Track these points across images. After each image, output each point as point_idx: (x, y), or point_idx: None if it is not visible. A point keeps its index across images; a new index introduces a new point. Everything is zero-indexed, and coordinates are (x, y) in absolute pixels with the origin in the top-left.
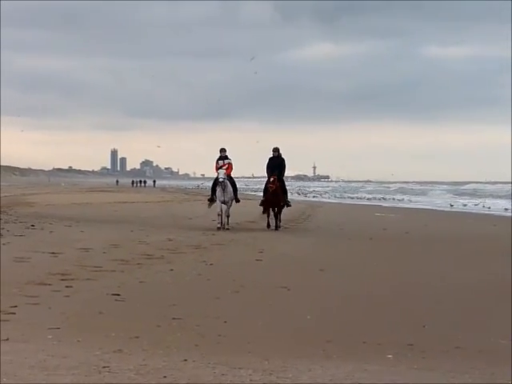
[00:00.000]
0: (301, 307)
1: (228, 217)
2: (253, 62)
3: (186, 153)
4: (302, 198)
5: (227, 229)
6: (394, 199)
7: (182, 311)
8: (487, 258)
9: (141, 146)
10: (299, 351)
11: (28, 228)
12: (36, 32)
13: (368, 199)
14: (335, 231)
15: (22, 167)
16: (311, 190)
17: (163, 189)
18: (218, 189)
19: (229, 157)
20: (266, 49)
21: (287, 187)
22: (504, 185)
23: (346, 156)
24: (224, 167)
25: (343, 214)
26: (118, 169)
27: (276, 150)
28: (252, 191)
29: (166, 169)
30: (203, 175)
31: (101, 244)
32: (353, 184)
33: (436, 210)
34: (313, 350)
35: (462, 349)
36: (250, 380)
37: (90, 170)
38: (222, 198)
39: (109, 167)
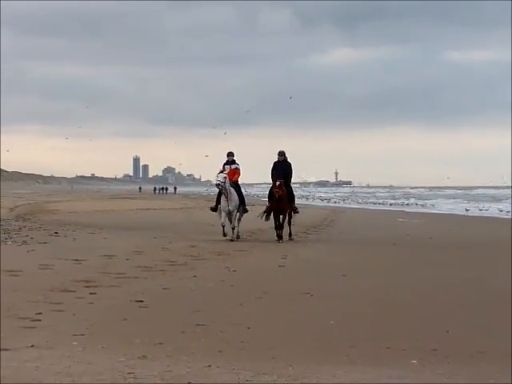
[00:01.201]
0: (324, 313)
1: (233, 229)
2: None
3: (208, 159)
4: (324, 203)
5: (232, 239)
6: (416, 204)
7: (205, 317)
8: (510, 262)
9: (163, 153)
10: (323, 357)
11: (52, 235)
12: (57, 40)
13: (391, 204)
14: (358, 236)
15: (44, 175)
16: (333, 195)
17: (185, 195)
18: (222, 197)
19: (237, 161)
20: (285, 55)
21: (307, 193)
22: None
23: (367, 161)
24: (224, 172)
25: (366, 220)
26: (141, 176)
27: (282, 153)
28: None
29: (188, 175)
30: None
31: (124, 251)
32: (375, 189)
33: (459, 214)
34: (337, 356)
35: (486, 353)
36: None
37: (113, 177)
38: (226, 208)
39: (131, 174)
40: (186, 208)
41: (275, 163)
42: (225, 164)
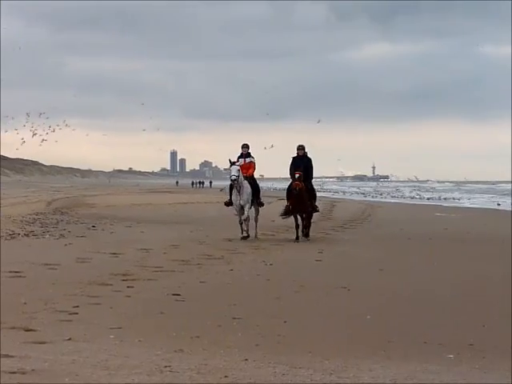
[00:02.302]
0: (361, 307)
1: (243, 222)
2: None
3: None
4: (361, 197)
5: (247, 235)
6: (453, 199)
7: (242, 311)
8: None
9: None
10: (360, 351)
11: (89, 229)
12: (94, 34)
13: (428, 199)
14: (395, 231)
15: (82, 169)
16: (371, 189)
17: (222, 189)
18: (234, 190)
19: (252, 154)
20: (321, 49)
21: (347, 189)
22: None
23: (404, 155)
24: (238, 163)
25: (403, 214)
26: (178, 170)
27: (301, 147)
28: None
29: (225, 169)
30: (262, 176)
31: (161, 244)
32: (412, 183)
33: (491, 209)
34: (373, 350)
35: None
36: (311, 380)
37: (150, 171)
38: (238, 202)
39: (168, 168)
40: (223, 202)
41: (294, 158)
42: (239, 157)
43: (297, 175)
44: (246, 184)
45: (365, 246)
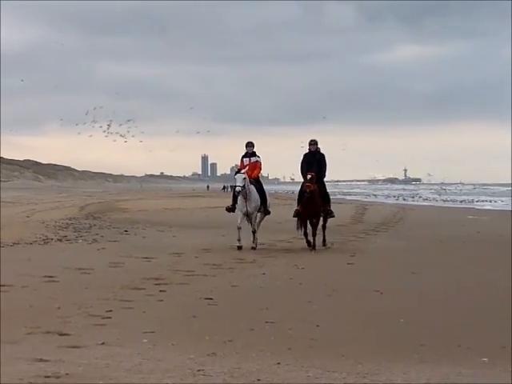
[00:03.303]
0: (394, 310)
1: (254, 233)
2: None
3: (275, 157)
4: (393, 200)
5: (253, 248)
6: (485, 201)
7: (274, 315)
8: None
9: (230, 151)
10: (393, 354)
11: (122, 233)
12: (123, 39)
13: (460, 202)
14: (427, 234)
15: (114, 173)
16: (402, 192)
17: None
18: (240, 196)
19: (257, 154)
20: (350, 51)
21: (378, 192)
22: None
23: (435, 158)
24: (243, 170)
25: (435, 217)
26: (209, 174)
27: (314, 142)
28: (341, 194)
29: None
30: (293, 179)
31: (193, 248)
32: (444, 186)
33: None
34: (407, 354)
35: None
36: (344, 383)
37: (181, 175)
38: (244, 209)
39: (200, 172)
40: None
41: (305, 155)
42: (243, 156)
43: (309, 176)
44: (253, 189)
45: (397, 248)
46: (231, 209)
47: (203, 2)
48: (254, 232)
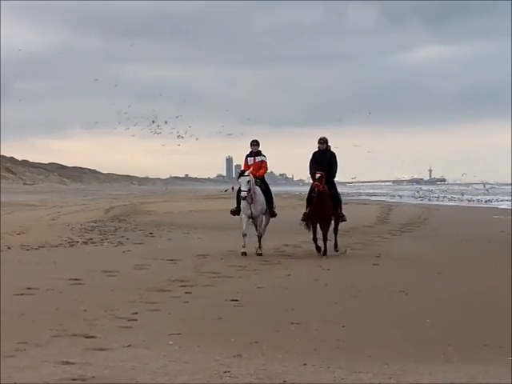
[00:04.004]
0: (419, 311)
1: (260, 237)
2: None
3: (300, 158)
4: (417, 201)
5: (259, 254)
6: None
7: (300, 316)
8: None
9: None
10: (419, 355)
11: (147, 236)
12: (147, 42)
13: (486, 201)
14: (453, 234)
15: (139, 176)
16: (428, 193)
17: (277, 195)
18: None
19: (263, 153)
20: (374, 52)
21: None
22: None
23: (460, 158)
24: (247, 172)
25: (460, 217)
26: (233, 176)
27: (323, 140)
28: (366, 195)
29: (280, 175)
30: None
31: (218, 250)
32: (469, 186)
33: None
34: (433, 354)
35: None
36: None
37: (206, 177)
38: (249, 212)
39: (224, 174)
40: (278, 207)
41: (315, 154)
42: (247, 156)
43: (317, 175)
44: (258, 191)
45: (422, 249)
46: (235, 212)
47: (226, 3)
48: (259, 237)
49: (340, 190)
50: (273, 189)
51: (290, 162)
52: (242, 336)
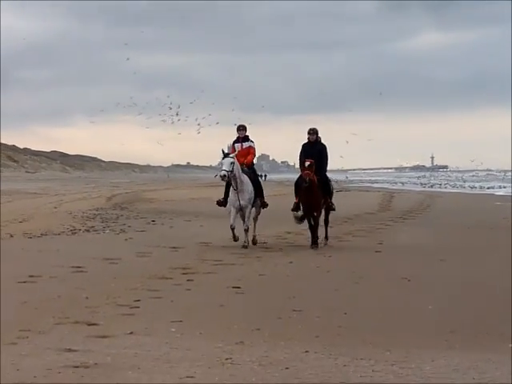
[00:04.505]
0: (422, 298)
1: (246, 231)
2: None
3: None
4: (420, 188)
5: (244, 246)
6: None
7: (302, 303)
8: None
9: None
10: (421, 342)
11: (149, 223)
12: (151, 30)
13: (488, 188)
14: (455, 221)
15: (141, 164)
16: (430, 180)
17: (280, 182)
18: (231, 188)
19: (250, 138)
20: (374, 40)
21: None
22: None
23: (462, 145)
24: (232, 154)
25: (463, 204)
26: None
27: (313, 131)
28: (368, 182)
29: (282, 162)
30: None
31: (220, 238)
32: (471, 173)
33: None
34: (435, 341)
35: None
36: (373, 370)
37: (208, 165)
38: (237, 203)
39: None
40: (280, 195)
41: (304, 145)
42: (234, 142)
43: (307, 163)
44: (246, 179)
45: (425, 236)
46: (222, 203)
47: None
48: (246, 230)
49: (340, 177)
50: (275, 176)
51: (292, 150)
52: (244, 323)
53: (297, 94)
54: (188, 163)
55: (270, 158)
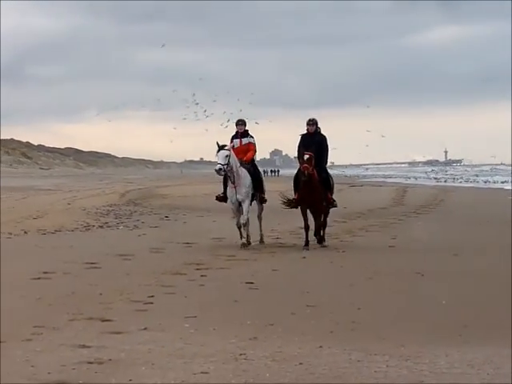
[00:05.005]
0: (436, 292)
1: (240, 228)
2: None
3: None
4: (433, 182)
5: (244, 244)
6: None
7: (315, 298)
8: None
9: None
10: (435, 337)
11: (162, 219)
12: (161, 25)
13: (502, 182)
14: (468, 215)
15: (154, 160)
16: (444, 174)
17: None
18: (229, 182)
19: (251, 133)
20: (387, 33)
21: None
22: None
23: (477, 139)
24: (227, 147)
25: (476, 198)
26: None
27: (313, 122)
28: (381, 177)
29: (295, 157)
30: (332, 163)
31: (233, 233)
32: (486, 167)
33: None
34: (449, 335)
35: None
36: (387, 366)
37: None
38: (234, 198)
39: None
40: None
41: (303, 136)
42: (233, 137)
43: (306, 156)
44: (243, 172)
45: (438, 231)
46: (222, 198)
47: None
48: (244, 225)
49: (353, 172)
50: (289, 171)
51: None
52: (258, 319)
53: (308, 88)
54: (201, 159)
55: (283, 154)
